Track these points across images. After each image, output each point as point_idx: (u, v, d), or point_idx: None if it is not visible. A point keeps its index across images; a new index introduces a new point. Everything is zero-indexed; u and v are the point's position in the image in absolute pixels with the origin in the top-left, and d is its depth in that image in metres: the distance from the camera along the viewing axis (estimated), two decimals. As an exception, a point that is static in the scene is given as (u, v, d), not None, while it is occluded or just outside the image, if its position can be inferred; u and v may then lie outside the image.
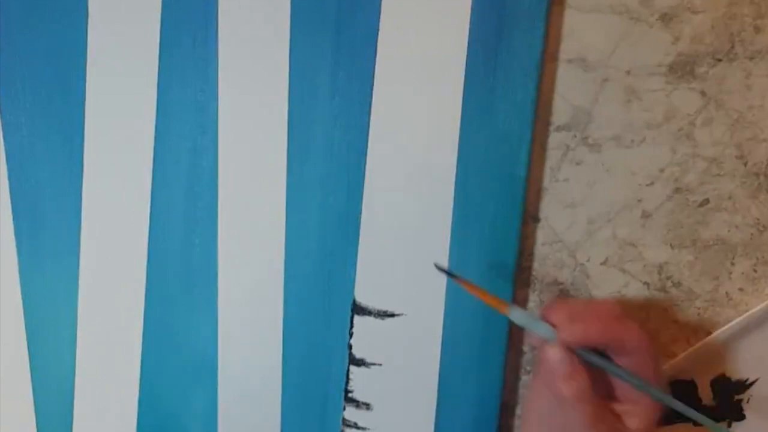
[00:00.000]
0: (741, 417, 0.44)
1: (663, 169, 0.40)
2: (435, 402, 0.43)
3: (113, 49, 0.40)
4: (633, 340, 0.35)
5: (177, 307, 0.43)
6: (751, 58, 0.39)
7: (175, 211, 0.42)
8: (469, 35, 0.38)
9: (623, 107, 0.40)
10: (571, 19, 0.39)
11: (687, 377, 0.43)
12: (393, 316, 0.42)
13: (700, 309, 0.43)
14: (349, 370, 0.43)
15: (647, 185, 0.41)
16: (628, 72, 0.39)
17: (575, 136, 0.40)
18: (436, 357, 0.42)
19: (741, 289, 0.42)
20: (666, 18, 0.38)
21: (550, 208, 0.41)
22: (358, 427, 0.44)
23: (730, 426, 0.45)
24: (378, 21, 0.39)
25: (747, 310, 0.42)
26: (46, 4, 0.40)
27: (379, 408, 0.44)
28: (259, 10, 0.39)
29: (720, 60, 0.39)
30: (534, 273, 0.42)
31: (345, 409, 0.44)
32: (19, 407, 0.44)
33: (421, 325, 0.42)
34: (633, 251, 0.42)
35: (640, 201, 0.41)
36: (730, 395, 0.44)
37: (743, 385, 0.44)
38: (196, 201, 0.42)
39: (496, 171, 0.40)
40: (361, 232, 0.41)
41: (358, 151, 0.40)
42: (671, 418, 0.45)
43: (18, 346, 0.44)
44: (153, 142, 0.41)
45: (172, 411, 0.44)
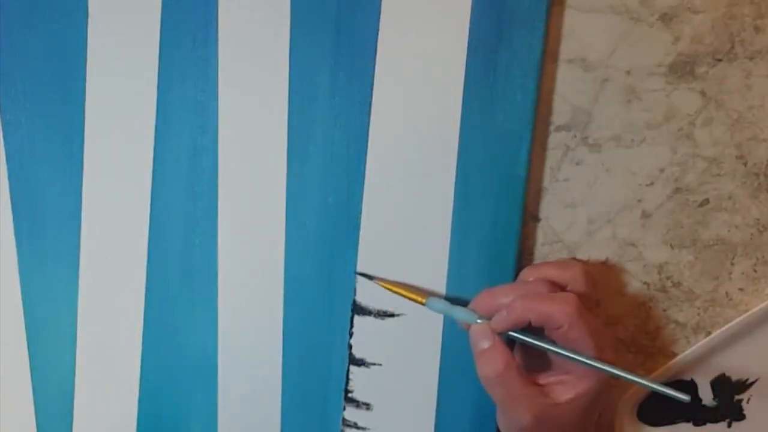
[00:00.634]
0: (741, 417, 0.44)
1: (663, 169, 0.40)
2: (435, 402, 0.43)
3: (113, 49, 0.40)
4: (561, 315, 0.36)
5: (177, 307, 0.43)
6: (751, 58, 0.39)
7: (175, 211, 0.42)
8: (469, 35, 0.38)
9: (623, 107, 0.40)
10: (571, 19, 0.38)
11: (687, 377, 0.43)
12: (393, 316, 0.42)
13: (700, 309, 0.43)
14: (349, 370, 0.43)
15: (647, 185, 0.41)
16: (628, 72, 0.39)
17: (575, 136, 0.40)
18: (436, 357, 0.42)
19: (741, 289, 0.42)
20: (666, 18, 0.38)
21: (550, 208, 0.41)
22: (358, 427, 0.44)
23: (730, 426, 0.45)
24: (378, 21, 0.39)
25: (747, 310, 0.42)
26: (46, 4, 0.40)
27: (379, 408, 0.44)
28: (259, 10, 0.39)
29: (720, 60, 0.39)
30: (534, 273, 0.42)
31: (345, 409, 0.44)
32: (19, 407, 0.44)
33: (421, 325, 0.42)
34: (633, 251, 0.42)
35: (640, 201, 0.41)
36: (730, 395, 0.44)
37: (743, 385, 0.44)
38: (196, 201, 0.42)
39: (496, 171, 0.40)
40: (361, 232, 0.41)
41: (358, 151, 0.40)
42: (671, 418, 0.45)
43: (18, 346, 0.44)
44: (153, 142, 0.41)
45: (172, 411, 0.44)
